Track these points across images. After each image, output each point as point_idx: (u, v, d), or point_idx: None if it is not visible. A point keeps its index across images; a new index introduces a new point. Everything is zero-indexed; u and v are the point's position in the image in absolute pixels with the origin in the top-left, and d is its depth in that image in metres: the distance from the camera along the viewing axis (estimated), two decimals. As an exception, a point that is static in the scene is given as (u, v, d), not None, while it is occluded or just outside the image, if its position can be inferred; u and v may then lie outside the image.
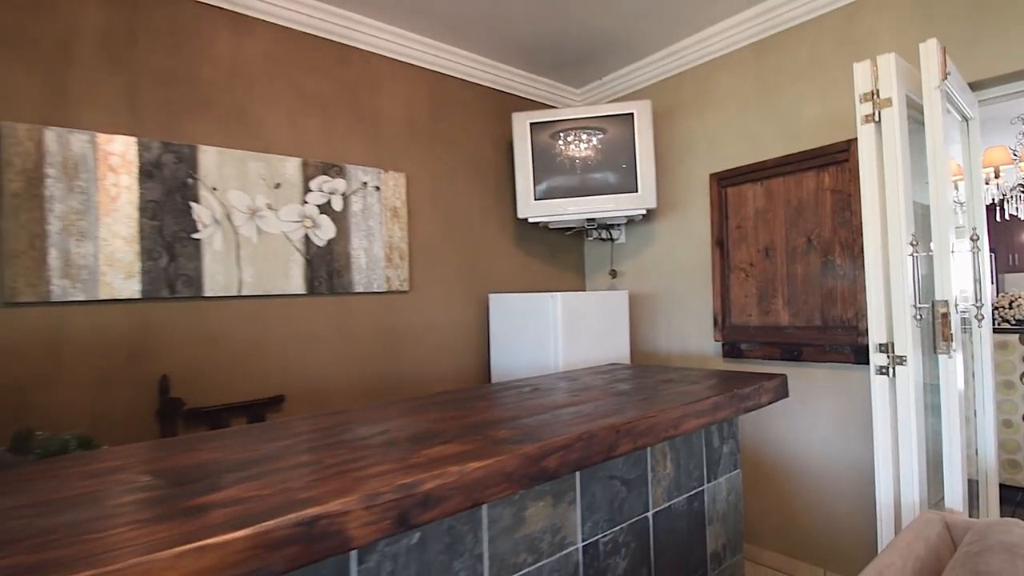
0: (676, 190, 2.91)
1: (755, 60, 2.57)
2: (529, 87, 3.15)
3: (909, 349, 1.52)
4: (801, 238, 2.35)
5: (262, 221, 2.18)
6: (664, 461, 1.62)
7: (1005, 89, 2.03)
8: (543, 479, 1.01)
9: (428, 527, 0.99)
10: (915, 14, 2.09)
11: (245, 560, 0.65)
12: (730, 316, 2.61)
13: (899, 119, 1.55)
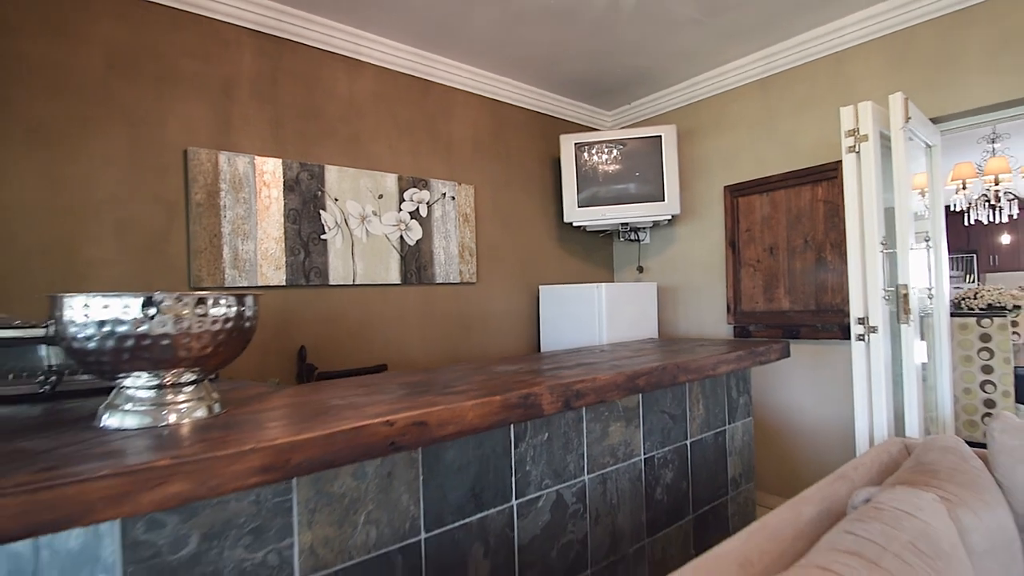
0: (695, 199, 3.46)
1: (761, 93, 3.12)
2: (569, 110, 3.70)
3: (879, 321, 2.07)
4: (799, 239, 2.90)
5: (369, 225, 2.72)
6: (698, 405, 2.17)
7: (961, 122, 2.58)
8: (634, 391, 1.56)
9: (552, 431, 1.54)
10: (891, 63, 2.64)
11: (499, 411, 1.20)
12: (740, 304, 3.16)
13: (873, 150, 2.09)
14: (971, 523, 1.28)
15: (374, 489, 1.23)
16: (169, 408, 1.04)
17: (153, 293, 0.94)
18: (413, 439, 1.07)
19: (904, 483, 1.43)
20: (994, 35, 2.36)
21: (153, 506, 0.75)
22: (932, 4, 2.47)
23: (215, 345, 1.07)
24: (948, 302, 2.56)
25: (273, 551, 1.02)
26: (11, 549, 0.97)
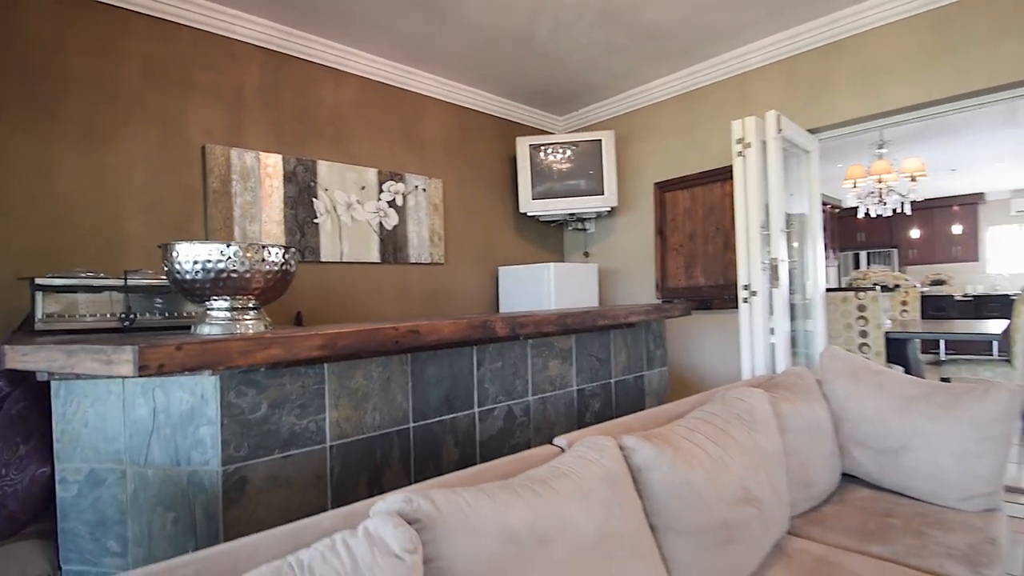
0: (631, 194, 4.07)
1: (683, 106, 3.75)
2: (526, 115, 4.26)
3: (759, 287, 2.70)
4: (712, 227, 3.54)
5: (354, 212, 3.21)
6: (621, 353, 2.76)
7: (834, 132, 3.25)
8: (565, 329, 2.13)
9: (505, 361, 2.09)
10: (781, 83, 3.29)
11: (466, 330, 1.74)
12: (667, 281, 3.79)
13: (755, 155, 2.73)
14: (788, 410, 1.90)
15: (378, 388, 1.75)
16: (240, 323, 1.54)
17: (230, 241, 1.45)
18: (410, 341, 1.60)
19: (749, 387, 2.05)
20: (856, 65, 3.03)
21: (263, 360, 1.26)
22: (810, 38, 3.14)
23: (268, 282, 1.58)
24: (824, 278, 3.24)
25: (312, 421, 1.54)
26: (135, 415, 1.46)
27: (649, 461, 1.33)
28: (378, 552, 0.83)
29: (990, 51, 2.58)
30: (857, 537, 1.62)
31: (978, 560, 1.46)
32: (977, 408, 1.78)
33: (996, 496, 1.76)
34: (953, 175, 7.53)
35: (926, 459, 1.82)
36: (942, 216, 9.12)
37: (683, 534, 1.30)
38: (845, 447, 2.02)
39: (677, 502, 1.31)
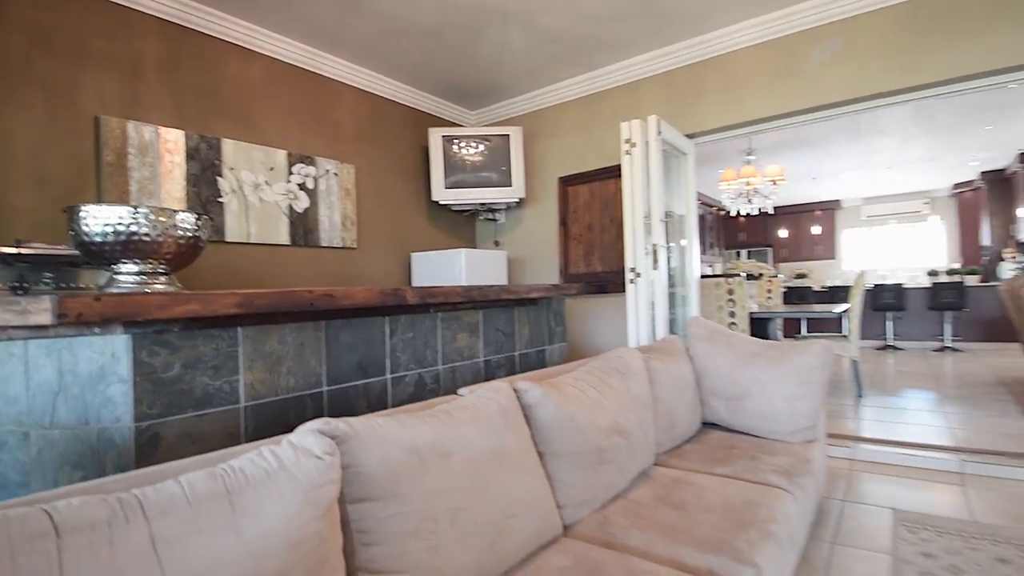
0: (538, 187, 4.37)
1: (585, 108, 4.10)
2: (439, 108, 4.41)
3: (642, 269, 3.08)
4: (607, 219, 3.92)
5: (262, 192, 3.20)
6: (524, 328, 3.01)
7: (708, 137, 3.73)
8: (471, 301, 2.33)
9: (416, 332, 2.26)
10: (662, 93, 3.72)
11: (378, 296, 1.89)
12: (569, 268, 4.12)
13: (640, 154, 3.09)
14: (658, 367, 2.23)
15: (293, 352, 1.85)
16: (150, 288, 1.59)
17: (139, 205, 1.51)
18: (325, 304, 1.72)
19: (624, 346, 2.37)
20: (724, 80, 3.51)
21: (180, 314, 1.34)
22: (685, 54, 3.58)
23: (180, 248, 1.64)
24: (698, 267, 3.72)
25: (226, 382, 1.62)
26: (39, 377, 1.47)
27: (538, 399, 1.57)
28: (301, 454, 0.99)
29: (827, 74, 3.14)
30: (707, 463, 1.97)
31: (793, 473, 1.85)
32: (800, 360, 2.22)
33: (814, 429, 2.21)
34: (814, 183, 8.68)
35: (763, 403, 2.24)
36: (806, 219, 10.44)
37: (564, 457, 1.55)
38: (704, 398, 2.41)
39: (560, 432, 1.56)
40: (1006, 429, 3.30)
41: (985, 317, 6.67)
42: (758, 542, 1.38)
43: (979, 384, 4.61)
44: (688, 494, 1.68)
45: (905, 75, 2.92)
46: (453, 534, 1.15)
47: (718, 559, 1.31)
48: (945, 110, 5.40)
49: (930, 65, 2.86)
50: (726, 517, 1.51)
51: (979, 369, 5.31)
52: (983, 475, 2.71)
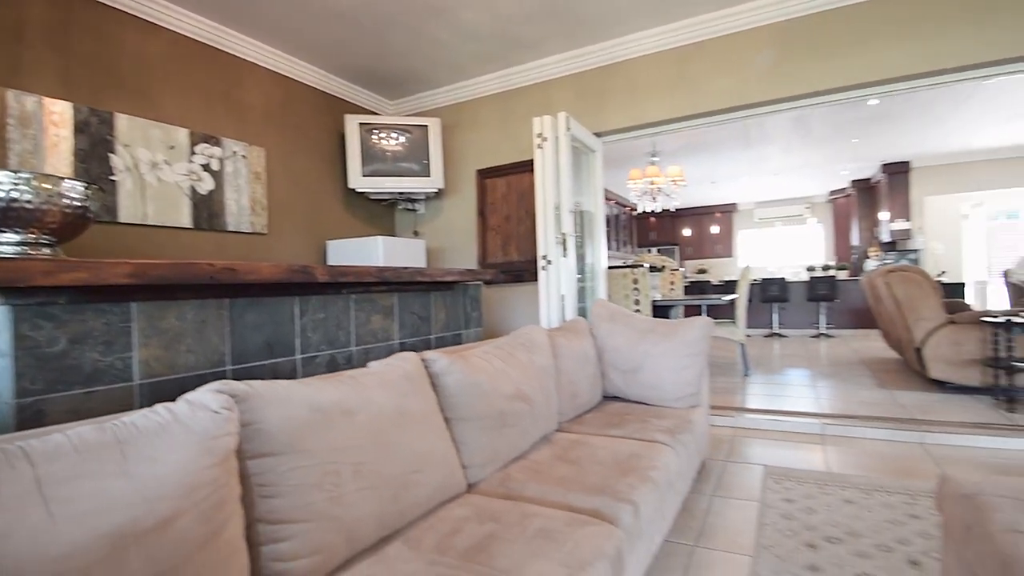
0: (458, 178, 4.45)
1: (502, 103, 4.24)
2: (356, 95, 4.37)
3: (553, 256, 3.25)
4: (523, 211, 4.08)
5: (160, 172, 3.04)
6: (440, 312, 3.08)
7: (613, 137, 3.98)
8: (384, 282, 2.37)
9: (328, 313, 2.28)
10: (573, 93, 3.94)
11: (286, 272, 1.89)
12: (487, 257, 4.24)
13: (551, 148, 3.26)
14: (562, 343, 2.39)
15: (192, 330, 1.82)
16: (36, 257, 1.51)
17: (19, 170, 1.44)
18: (227, 278, 1.71)
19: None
20: (626, 85, 3.77)
21: (68, 281, 1.30)
22: (593, 58, 3.81)
23: (67, 219, 1.58)
24: (605, 259, 3.97)
25: (118, 358, 1.57)
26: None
27: (445, 368, 1.66)
28: (197, 409, 1.02)
29: (713, 83, 3.47)
30: (603, 427, 2.16)
31: (675, 431, 2.08)
32: (685, 334, 2.47)
33: (697, 395, 2.47)
34: (714, 186, 9.42)
35: (654, 374, 2.47)
36: (708, 220, 11.30)
37: (470, 421, 1.66)
38: (605, 371, 2.62)
39: (466, 398, 1.66)
40: (862, 398, 3.82)
41: (853, 307, 7.58)
42: (637, 485, 1.56)
43: (845, 363, 5.26)
44: (583, 452, 1.85)
45: (779, 86, 3.31)
46: (356, 486, 1.21)
47: (602, 499, 1.47)
48: (819, 124, 6.09)
49: (800, 78, 3.25)
50: (613, 468, 1.68)
51: (846, 351, 6.05)
52: (840, 435, 3.14)
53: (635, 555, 1.52)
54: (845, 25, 3.12)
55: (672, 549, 1.92)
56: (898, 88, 3.14)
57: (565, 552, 1.18)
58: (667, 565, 1.81)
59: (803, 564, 1.77)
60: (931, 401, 3.64)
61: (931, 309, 3.89)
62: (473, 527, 1.31)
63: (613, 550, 1.23)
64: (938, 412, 3.36)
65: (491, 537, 1.26)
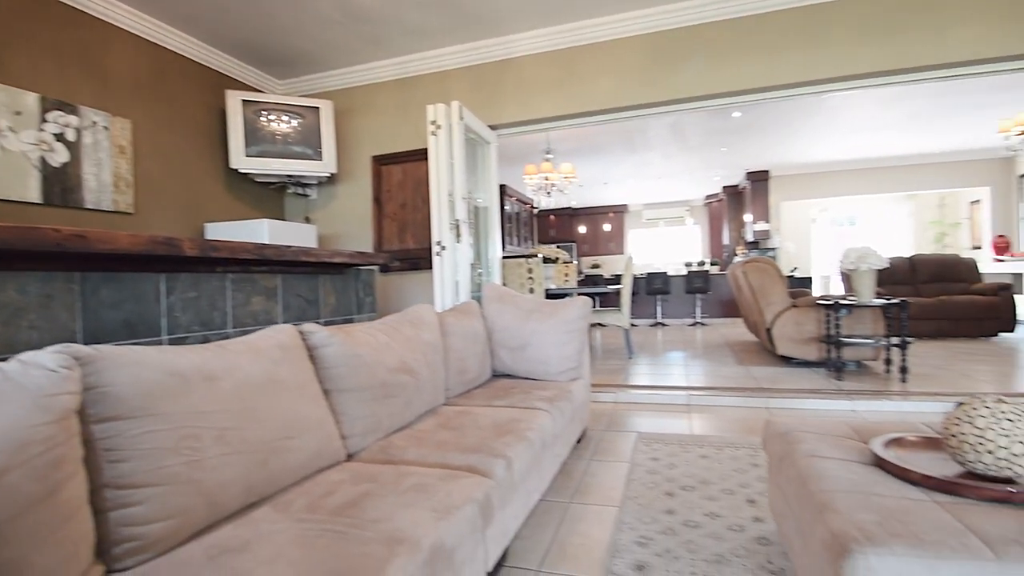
0: (352, 164, 4.35)
1: (399, 90, 4.21)
2: (240, 71, 4.12)
3: (447, 242, 3.31)
4: (420, 199, 4.09)
5: (4, 140, 2.68)
6: (330, 296, 3.02)
7: (507, 130, 4.12)
8: (264, 261, 2.29)
9: (200, 292, 2.16)
10: (469, 85, 4.02)
11: (147, 243, 1.78)
12: (383, 245, 4.20)
13: (444, 136, 3.32)
14: (452, 321, 2.45)
15: (36, 304, 1.65)
16: None
17: None
18: (77, 246, 1.57)
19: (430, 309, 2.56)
20: (518, 81, 3.92)
21: None
22: (487, 52, 3.92)
23: None
24: (500, 249, 4.09)
25: (-58, 331, 1.40)
26: None
27: (324, 340, 1.66)
28: (31, 368, 0.95)
29: (596, 84, 3.72)
30: (489, 399, 2.26)
31: (554, 399, 2.22)
32: (566, 312, 2.65)
33: (578, 369, 2.65)
34: (606, 187, 10.00)
35: (539, 350, 2.62)
36: (601, 219, 11.97)
37: (351, 392, 1.67)
38: (495, 349, 2.72)
39: (347, 369, 1.67)
40: (723, 373, 4.29)
41: (723, 299, 8.44)
42: (513, 443, 1.67)
43: (714, 346, 5.86)
44: (466, 420, 1.93)
45: (652, 91, 3.62)
46: (219, 451, 1.19)
47: (477, 457, 1.55)
48: (693, 132, 6.71)
49: (670, 85, 3.59)
50: (492, 431, 1.78)
51: (716, 336, 6.74)
52: (703, 404, 3.52)
53: (511, 506, 1.62)
54: (705, 40, 3.50)
55: (550, 507, 2.06)
56: (752, 99, 3.58)
57: (435, 500, 1.25)
58: (544, 521, 1.95)
59: (661, 509, 1.99)
60: (778, 373, 4.19)
61: (778, 295, 4.46)
62: (348, 488, 1.34)
63: (482, 495, 1.32)
64: (782, 382, 3.87)
65: (365, 495, 1.29)
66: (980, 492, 1.11)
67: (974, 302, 6.11)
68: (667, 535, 1.79)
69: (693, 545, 1.72)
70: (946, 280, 6.69)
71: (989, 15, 3.07)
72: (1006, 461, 1.13)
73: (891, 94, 5.47)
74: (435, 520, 1.15)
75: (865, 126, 6.67)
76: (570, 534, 1.85)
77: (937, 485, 1.16)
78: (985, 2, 3.08)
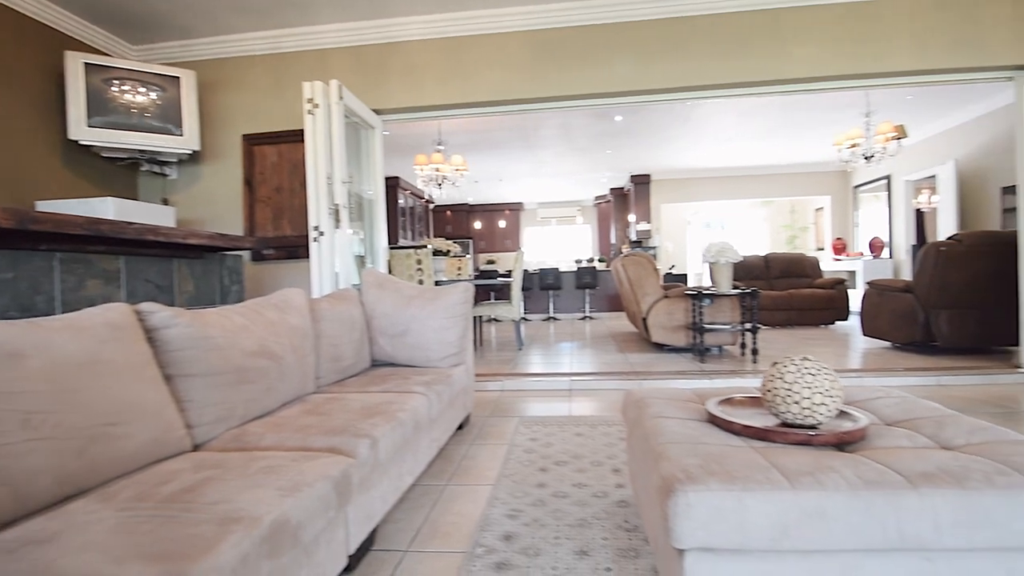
0: (220, 142, 4.00)
1: (274, 66, 3.95)
2: (86, 32, 3.61)
3: (326, 228, 3.16)
4: (297, 183, 3.86)
5: None
6: (187, 283, 2.76)
7: (394, 116, 4.03)
8: (101, 238, 2.03)
9: (19, 272, 1.88)
10: (351, 66, 3.87)
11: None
12: (255, 231, 3.91)
13: (322, 115, 3.16)
14: (326, 307, 2.34)
15: None
16: None
17: None
18: None
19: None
20: (405, 66, 3.85)
21: None
22: (371, 34, 3.81)
23: None
24: (385, 239, 3.99)
25: None
26: None
27: (166, 321, 1.50)
28: None
29: (481, 76, 3.76)
30: (365, 386, 2.19)
31: (433, 383, 2.21)
32: (448, 298, 2.65)
33: (460, 355, 2.66)
34: (502, 184, 10.17)
35: (419, 336, 2.59)
36: (498, 217, 12.16)
37: (199, 377, 1.53)
38: (374, 337, 2.65)
39: (194, 352, 1.53)
40: (604, 360, 4.54)
41: (610, 294, 8.96)
42: (381, 423, 1.63)
43: (599, 337, 6.19)
44: (336, 406, 1.85)
45: (538, 87, 3.74)
46: (24, 436, 1.04)
47: (341, 438, 1.50)
48: (580, 134, 7.04)
49: (554, 82, 3.73)
50: (361, 413, 1.73)
51: (602, 328, 7.13)
52: (584, 389, 3.70)
53: (378, 488, 1.59)
54: (583, 42, 3.68)
55: (427, 490, 2.05)
56: (627, 101, 3.82)
57: (285, 480, 1.18)
58: (419, 503, 1.93)
59: (534, 483, 2.06)
60: (652, 359, 4.52)
61: (653, 286, 4.82)
62: (187, 476, 1.22)
63: (338, 473, 1.28)
64: (655, 366, 4.19)
65: (206, 480, 1.19)
66: (786, 437, 1.28)
67: (816, 295, 7.03)
68: (536, 506, 1.86)
69: (560, 513, 1.80)
70: (794, 276, 7.64)
71: (824, 38, 3.55)
72: (809, 410, 1.31)
73: (749, 107, 6.13)
74: (280, 498, 1.09)
75: (729, 135, 7.42)
76: (444, 513, 1.85)
77: (754, 433, 1.32)
78: (820, 27, 3.56)
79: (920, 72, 3.57)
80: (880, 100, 5.84)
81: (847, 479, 1.05)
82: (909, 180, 7.93)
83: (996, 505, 1.02)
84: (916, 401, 1.60)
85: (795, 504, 1.02)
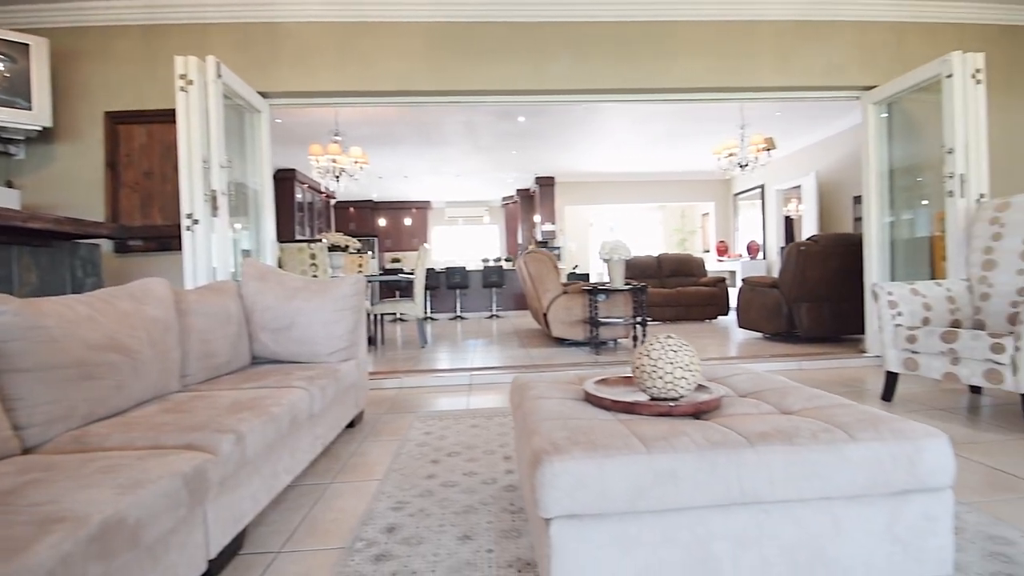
0: (78, 119, 3.55)
1: (146, 38, 3.58)
2: None
3: (201, 216, 2.90)
4: (170, 167, 3.52)
5: None
6: (30, 274, 2.42)
7: (284, 100, 3.80)
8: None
9: None
10: (235, 44, 3.61)
11: None
12: (120, 219, 3.51)
13: (198, 93, 2.91)
14: (195, 299, 2.15)
15: None
16: None
17: None
18: None
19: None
20: (297, 48, 3.65)
21: None
22: (259, 12, 3.58)
23: None
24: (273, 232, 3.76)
25: None
26: None
27: (-17, 308, 1.30)
28: None
29: (380, 65, 3.67)
30: (239, 383, 2.04)
31: (316, 378, 2.10)
32: (336, 291, 2.54)
33: (351, 349, 2.57)
34: (407, 181, 9.98)
35: (306, 330, 2.46)
36: (404, 215, 11.93)
37: (29, 372, 1.33)
38: (255, 332, 2.48)
39: (22, 344, 1.33)
40: (506, 355, 4.60)
41: (516, 293, 9.11)
42: (249, 418, 1.52)
43: (504, 334, 6.27)
44: (201, 403, 1.70)
45: (436, 78, 3.71)
46: None
47: (200, 434, 1.38)
48: (485, 132, 7.10)
49: (452, 76, 3.72)
50: (229, 409, 1.60)
51: (508, 326, 7.23)
52: (484, 383, 3.72)
53: (246, 487, 1.48)
54: (483, 38, 3.72)
55: (309, 490, 1.95)
56: (526, 100, 3.91)
57: (125, 478, 1.06)
58: (298, 504, 1.83)
59: (423, 475, 2.03)
60: (552, 353, 4.65)
61: (553, 283, 4.97)
62: (8, 480, 1.06)
63: (191, 469, 1.17)
64: (554, 359, 4.31)
65: (31, 483, 1.04)
66: (650, 408, 1.37)
67: (701, 292, 7.61)
68: (424, 497, 1.83)
69: (447, 502, 1.79)
70: (683, 275, 8.22)
71: (707, 51, 3.85)
72: (671, 384, 1.41)
73: (641, 114, 6.52)
74: (117, 496, 0.98)
75: (626, 141, 7.83)
76: (325, 511, 1.76)
77: (622, 407, 1.39)
78: (705, 41, 3.85)
79: (784, 88, 3.99)
80: (753, 114, 6.46)
81: (696, 441, 1.14)
82: (780, 189, 8.85)
83: (820, 459, 1.15)
84: (767, 376, 1.77)
85: (650, 467, 1.09)
